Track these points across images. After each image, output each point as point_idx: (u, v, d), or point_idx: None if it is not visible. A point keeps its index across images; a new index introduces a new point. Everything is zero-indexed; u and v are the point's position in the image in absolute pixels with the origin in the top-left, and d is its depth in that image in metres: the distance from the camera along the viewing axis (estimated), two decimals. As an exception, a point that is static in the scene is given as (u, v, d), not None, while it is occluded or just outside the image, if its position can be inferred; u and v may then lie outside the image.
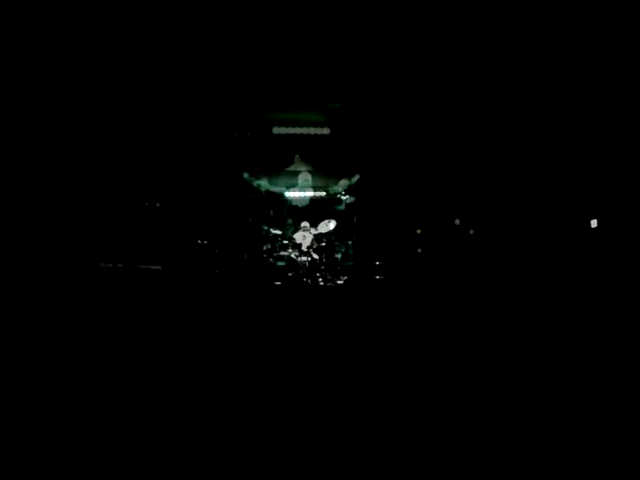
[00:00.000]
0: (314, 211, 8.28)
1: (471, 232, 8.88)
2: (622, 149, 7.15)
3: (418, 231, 8.86)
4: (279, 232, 7.96)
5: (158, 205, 8.08)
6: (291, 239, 7.90)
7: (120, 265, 7.39)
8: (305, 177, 8.48)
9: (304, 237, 7.90)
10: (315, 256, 7.72)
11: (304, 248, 7.78)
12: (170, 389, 3.77)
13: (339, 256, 7.91)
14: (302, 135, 8.44)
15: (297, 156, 8.54)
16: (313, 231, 7.94)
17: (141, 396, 3.62)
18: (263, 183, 8.41)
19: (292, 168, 8.53)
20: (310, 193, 8.40)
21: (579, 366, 4.12)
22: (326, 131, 8.42)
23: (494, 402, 3.52)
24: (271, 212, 8.41)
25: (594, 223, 7.32)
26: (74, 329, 5.33)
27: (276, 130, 8.39)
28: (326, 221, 7.99)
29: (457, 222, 8.94)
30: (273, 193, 8.44)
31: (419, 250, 8.74)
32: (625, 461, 2.59)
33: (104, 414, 3.26)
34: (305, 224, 7.97)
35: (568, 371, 4.03)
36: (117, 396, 3.61)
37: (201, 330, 5.48)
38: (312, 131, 8.44)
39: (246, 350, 4.90)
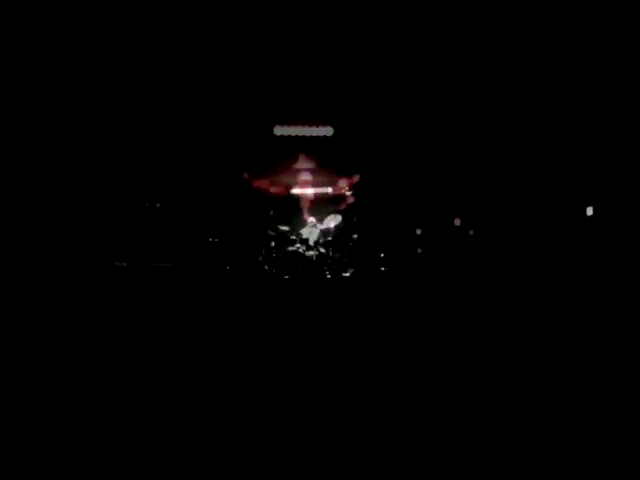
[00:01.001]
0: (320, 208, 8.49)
1: (471, 232, 9.11)
2: (622, 150, 7.38)
3: (418, 231, 9.08)
4: (287, 228, 8.18)
5: (159, 206, 8.36)
6: (299, 234, 8.13)
7: (134, 263, 7.68)
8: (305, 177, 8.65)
9: (311, 232, 8.11)
10: (322, 250, 7.93)
11: (311, 243, 7.99)
12: (184, 382, 3.76)
13: (345, 250, 8.12)
14: (304, 135, 8.44)
15: (300, 154, 8.69)
16: (320, 226, 8.17)
17: (153, 390, 3.61)
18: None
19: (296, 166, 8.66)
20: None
21: (578, 363, 4.07)
22: (329, 132, 8.48)
23: (491, 392, 3.47)
24: (271, 212, 8.52)
25: (589, 211, 7.52)
26: (92, 324, 5.47)
27: (278, 130, 8.37)
28: (332, 216, 8.23)
29: (457, 222, 9.18)
30: (278, 192, 8.66)
31: (419, 250, 8.95)
32: (625, 460, 2.55)
33: (113, 408, 3.26)
34: (312, 220, 8.22)
35: (567, 366, 3.98)
36: (129, 389, 3.60)
37: (212, 322, 5.61)
38: (315, 132, 8.48)
39: (255, 341, 5.02)
